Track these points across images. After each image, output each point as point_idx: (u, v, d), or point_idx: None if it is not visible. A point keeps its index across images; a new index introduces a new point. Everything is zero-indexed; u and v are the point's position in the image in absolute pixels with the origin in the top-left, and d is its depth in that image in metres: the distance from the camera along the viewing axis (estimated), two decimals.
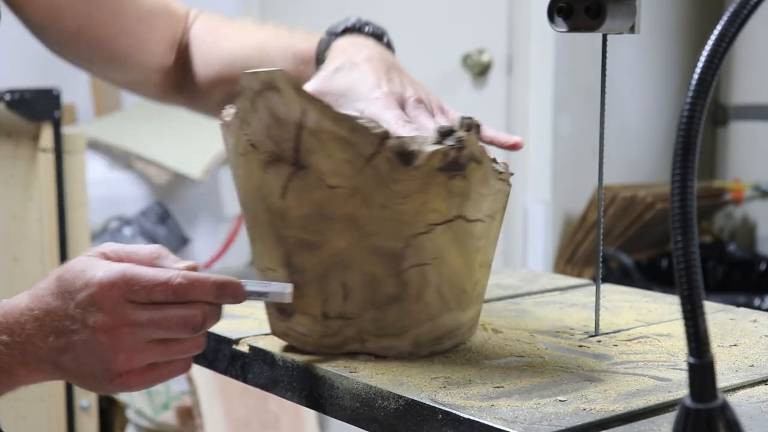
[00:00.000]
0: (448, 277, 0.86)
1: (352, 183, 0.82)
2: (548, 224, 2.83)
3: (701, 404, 0.55)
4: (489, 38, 2.85)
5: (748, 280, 2.78)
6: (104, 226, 2.73)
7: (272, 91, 0.81)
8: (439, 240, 0.84)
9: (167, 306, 0.79)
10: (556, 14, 0.90)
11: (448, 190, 0.83)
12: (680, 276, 0.54)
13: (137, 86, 1.27)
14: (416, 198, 0.82)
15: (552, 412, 0.73)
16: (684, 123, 0.55)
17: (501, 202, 0.89)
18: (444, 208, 0.83)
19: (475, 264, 0.88)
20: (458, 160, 0.82)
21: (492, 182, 0.86)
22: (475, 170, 0.84)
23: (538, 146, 2.78)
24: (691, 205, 0.54)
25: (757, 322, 1.01)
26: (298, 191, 0.83)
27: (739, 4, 0.55)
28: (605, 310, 1.03)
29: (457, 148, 0.82)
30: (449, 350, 0.89)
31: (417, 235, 0.83)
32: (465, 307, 0.88)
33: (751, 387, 0.81)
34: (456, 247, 0.85)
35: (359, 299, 0.86)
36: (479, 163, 0.84)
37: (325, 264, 0.85)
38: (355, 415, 0.81)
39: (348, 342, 0.87)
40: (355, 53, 1.04)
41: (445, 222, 0.84)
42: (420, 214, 0.83)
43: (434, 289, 0.85)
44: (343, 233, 0.84)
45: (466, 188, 0.84)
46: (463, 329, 0.90)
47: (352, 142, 0.81)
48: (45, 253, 2.09)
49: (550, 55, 2.76)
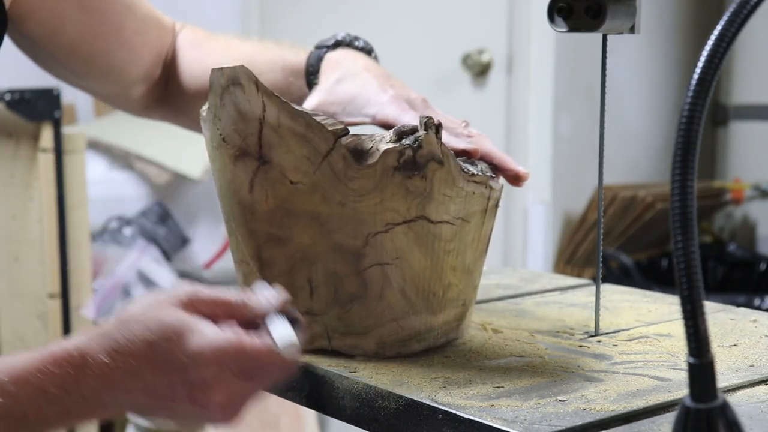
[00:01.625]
0: (413, 279, 0.85)
1: (311, 179, 0.83)
2: (548, 224, 2.83)
3: (701, 404, 0.55)
4: (489, 38, 2.85)
5: (748, 280, 2.78)
6: (104, 226, 2.73)
7: (236, 86, 0.83)
8: (399, 240, 0.84)
9: (264, 373, 0.78)
10: (556, 14, 0.89)
11: (406, 190, 0.83)
12: (680, 276, 0.54)
13: (120, 99, 1.24)
14: (373, 196, 0.82)
15: (552, 412, 0.73)
16: (684, 123, 0.55)
17: (477, 205, 0.88)
18: (403, 208, 0.83)
19: (446, 267, 0.87)
20: (415, 160, 0.82)
21: (460, 184, 0.85)
22: (436, 170, 0.83)
23: (538, 146, 2.78)
24: (691, 205, 0.54)
25: (757, 322, 1.01)
26: (263, 186, 0.84)
27: (739, 4, 0.55)
28: (605, 310, 1.03)
29: (413, 147, 0.82)
30: (419, 353, 0.88)
31: (376, 234, 0.83)
32: (435, 311, 0.88)
33: (751, 387, 0.81)
34: (420, 249, 0.85)
35: (324, 296, 0.86)
36: (441, 164, 0.83)
37: (292, 259, 0.86)
38: (355, 415, 0.81)
39: (316, 339, 0.88)
40: (351, 64, 1.05)
41: (405, 222, 0.84)
42: (378, 212, 0.83)
43: (397, 290, 0.85)
44: (306, 229, 0.84)
45: (427, 189, 0.83)
46: (436, 333, 0.89)
47: (308, 139, 0.82)
48: (45, 253, 2.09)
49: (550, 55, 2.76)
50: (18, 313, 2.17)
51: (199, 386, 0.75)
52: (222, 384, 0.75)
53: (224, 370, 0.75)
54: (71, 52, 1.13)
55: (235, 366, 0.76)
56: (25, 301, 2.16)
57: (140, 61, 1.17)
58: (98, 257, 2.46)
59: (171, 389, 0.76)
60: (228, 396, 0.76)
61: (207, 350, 0.75)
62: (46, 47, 1.12)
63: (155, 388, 0.76)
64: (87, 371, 0.76)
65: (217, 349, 0.75)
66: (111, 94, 1.23)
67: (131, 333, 0.76)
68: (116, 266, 2.46)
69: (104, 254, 2.51)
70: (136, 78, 1.18)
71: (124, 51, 1.15)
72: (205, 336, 0.75)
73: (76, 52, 1.13)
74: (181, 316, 0.77)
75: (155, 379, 0.75)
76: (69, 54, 1.13)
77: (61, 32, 1.10)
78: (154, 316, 0.77)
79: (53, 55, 1.13)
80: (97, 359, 0.76)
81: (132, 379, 0.76)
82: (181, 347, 0.75)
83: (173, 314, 0.77)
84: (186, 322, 0.76)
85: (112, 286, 2.40)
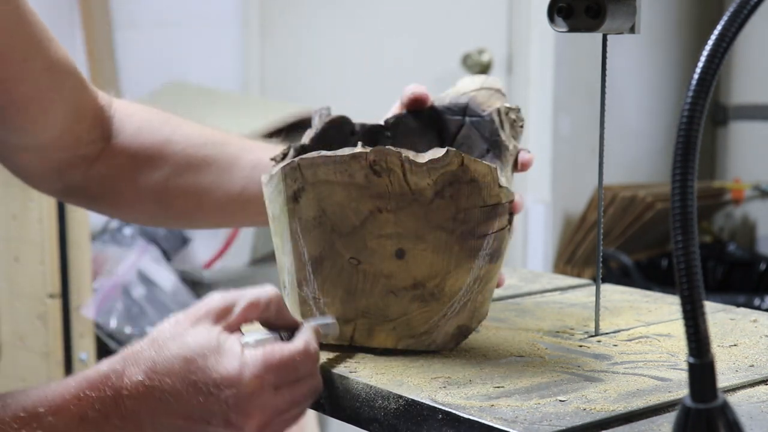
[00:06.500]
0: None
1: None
2: (548, 224, 2.83)
3: (701, 404, 0.55)
4: (489, 38, 2.86)
5: (748, 280, 2.79)
6: (104, 226, 2.73)
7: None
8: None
9: (299, 383, 0.78)
10: (556, 14, 0.89)
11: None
12: (680, 276, 0.54)
13: (32, 155, 1.03)
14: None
15: (552, 412, 0.73)
16: (684, 123, 0.55)
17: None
18: None
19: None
20: None
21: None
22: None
23: (538, 146, 2.78)
24: (691, 205, 0.54)
25: (757, 322, 1.01)
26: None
27: (739, 4, 0.55)
28: (605, 310, 1.03)
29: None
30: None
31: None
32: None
33: (751, 387, 0.81)
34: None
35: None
36: None
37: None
38: (355, 415, 0.81)
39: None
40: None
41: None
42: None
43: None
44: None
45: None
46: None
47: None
48: (45, 253, 2.09)
49: (550, 55, 2.76)
50: (18, 313, 2.17)
51: (233, 408, 0.74)
52: (257, 405, 0.75)
53: (261, 387, 0.75)
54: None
55: (273, 378, 0.75)
56: (25, 301, 2.16)
57: (49, 104, 0.98)
58: (98, 257, 2.46)
59: (207, 410, 0.75)
60: (264, 417, 0.76)
61: (240, 371, 0.74)
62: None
63: (191, 408, 0.75)
64: (124, 392, 0.75)
65: (252, 367, 0.75)
66: (21, 147, 1.02)
67: (166, 351, 0.75)
68: (116, 266, 2.46)
69: (104, 254, 2.51)
70: (48, 130, 1.00)
71: (28, 85, 0.96)
72: (238, 357, 0.75)
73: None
74: (213, 333, 0.76)
75: (191, 399, 0.74)
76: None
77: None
78: (188, 334, 0.76)
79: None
80: (134, 379, 0.75)
81: (169, 399, 0.74)
82: (215, 367, 0.74)
83: (206, 332, 0.76)
84: (219, 341, 0.76)
85: (112, 286, 2.40)
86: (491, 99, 1.01)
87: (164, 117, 1.10)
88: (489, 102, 1.01)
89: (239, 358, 0.75)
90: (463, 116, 1.02)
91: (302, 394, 0.79)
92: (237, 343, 0.76)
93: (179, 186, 1.07)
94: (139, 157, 1.07)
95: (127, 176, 1.07)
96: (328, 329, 0.85)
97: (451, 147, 0.94)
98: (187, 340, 0.76)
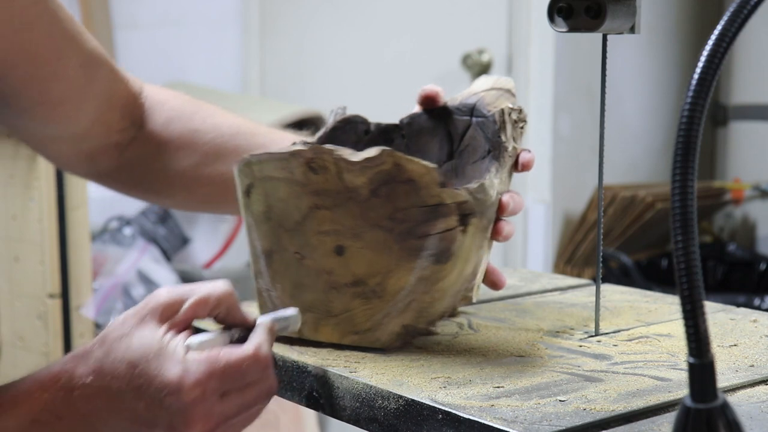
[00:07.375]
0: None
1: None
2: (548, 224, 2.83)
3: (701, 404, 0.55)
4: (489, 38, 2.86)
5: (748, 280, 2.79)
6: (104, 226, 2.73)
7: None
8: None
9: (249, 387, 0.76)
10: (556, 14, 0.90)
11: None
12: (680, 276, 0.54)
13: (67, 150, 1.05)
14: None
15: (552, 412, 0.73)
16: (684, 123, 0.55)
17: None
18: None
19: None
20: None
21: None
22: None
23: (538, 146, 2.78)
24: (691, 205, 0.54)
25: (757, 322, 1.01)
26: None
27: (739, 4, 0.55)
28: (605, 310, 1.03)
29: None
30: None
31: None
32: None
33: (751, 387, 0.81)
34: None
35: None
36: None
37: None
38: (355, 415, 0.81)
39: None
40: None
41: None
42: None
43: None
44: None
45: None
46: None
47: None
48: (45, 253, 2.09)
49: (550, 55, 2.76)
50: (18, 313, 2.17)
51: (176, 415, 0.73)
52: (201, 410, 0.73)
53: (203, 394, 0.73)
54: (21, 89, 0.94)
55: (217, 384, 0.74)
56: (25, 301, 2.16)
57: (83, 98, 0.99)
58: (98, 257, 2.46)
59: (151, 415, 0.73)
60: (209, 424, 0.74)
61: (181, 377, 0.73)
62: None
63: (136, 412, 0.74)
64: (75, 392, 0.74)
65: (194, 374, 0.73)
66: (54, 137, 1.03)
67: (112, 354, 0.74)
68: (116, 266, 2.46)
69: (104, 254, 2.51)
70: (75, 119, 1.01)
71: (63, 83, 0.96)
72: (179, 362, 0.73)
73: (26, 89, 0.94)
74: (157, 335, 0.74)
75: (136, 403, 0.73)
76: (19, 91, 0.94)
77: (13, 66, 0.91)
78: (133, 335, 0.75)
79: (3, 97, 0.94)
80: (83, 381, 0.74)
81: (115, 401, 0.74)
82: (157, 372, 0.73)
83: (150, 333, 0.74)
84: (162, 344, 0.74)
85: (112, 286, 2.41)
86: (499, 99, 1.01)
87: (195, 106, 1.11)
88: (496, 102, 1.01)
89: (181, 364, 0.73)
90: (470, 116, 1.03)
91: (252, 399, 0.77)
92: (181, 347, 0.74)
93: (208, 175, 1.09)
94: (169, 146, 1.08)
95: (157, 164, 1.08)
96: (288, 322, 0.83)
97: (456, 147, 0.94)
98: (131, 342, 0.74)
